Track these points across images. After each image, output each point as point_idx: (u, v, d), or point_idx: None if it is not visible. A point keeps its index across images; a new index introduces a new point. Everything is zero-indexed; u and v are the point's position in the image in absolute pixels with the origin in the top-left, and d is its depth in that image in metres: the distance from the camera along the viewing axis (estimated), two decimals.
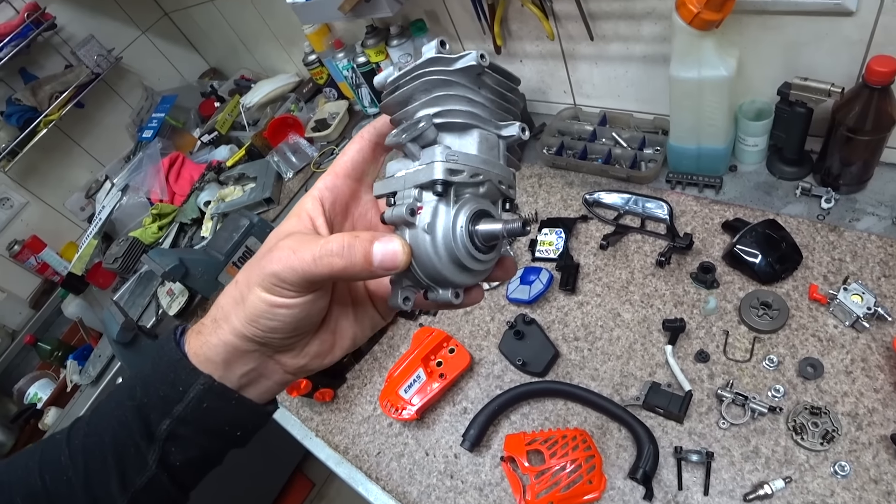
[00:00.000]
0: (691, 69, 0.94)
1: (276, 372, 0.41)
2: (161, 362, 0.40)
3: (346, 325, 0.43)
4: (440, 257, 0.35)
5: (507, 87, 0.39)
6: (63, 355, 1.88)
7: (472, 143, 0.37)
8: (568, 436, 0.87)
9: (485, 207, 0.37)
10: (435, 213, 0.35)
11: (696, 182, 1.11)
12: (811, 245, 0.96)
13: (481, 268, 0.37)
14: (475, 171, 0.36)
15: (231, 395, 0.39)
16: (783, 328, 0.89)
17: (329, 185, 0.41)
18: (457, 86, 0.37)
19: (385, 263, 0.33)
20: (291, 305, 0.35)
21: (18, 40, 1.90)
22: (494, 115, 0.38)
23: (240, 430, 0.41)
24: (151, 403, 0.39)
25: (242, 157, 1.96)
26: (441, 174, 0.35)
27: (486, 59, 0.35)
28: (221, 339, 0.38)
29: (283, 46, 2.11)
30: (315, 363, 0.42)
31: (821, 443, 0.77)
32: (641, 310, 1.01)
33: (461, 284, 0.37)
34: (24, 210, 2.21)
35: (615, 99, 1.29)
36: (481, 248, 0.36)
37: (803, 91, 0.93)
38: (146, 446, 0.39)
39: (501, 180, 0.38)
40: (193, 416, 0.38)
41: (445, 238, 0.35)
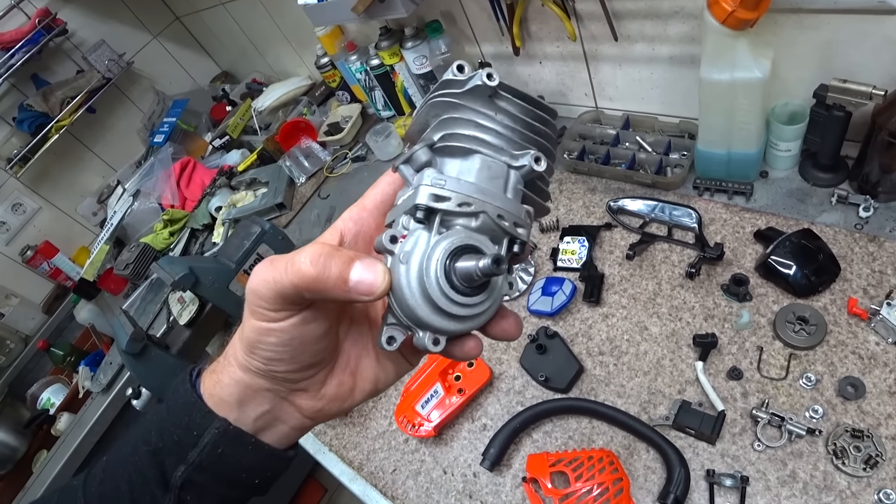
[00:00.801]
0: (723, 71, 0.89)
1: (292, 416, 0.38)
2: (176, 405, 0.38)
3: (367, 367, 0.40)
4: (412, 292, 0.31)
5: (532, 115, 0.35)
6: (75, 360, 1.89)
7: (472, 170, 0.34)
8: (594, 457, 0.83)
9: (474, 243, 0.32)
10: (416, 242, 0.32)
11: (725, 189, 1.06)
12: (849, 256, 0.91)
13: (463, 312, 0.32)
14: (464, 200, 0.32)
15: (248, 440, 0.37)
16: (821, 344, 0.85)
17: (354, 217, 0.39)
18: (466, 109, 0.34)
19: (360, 287, 0.30)
20: (277, 330, 0.33)
21: (30, 46, 1.91)
22: (512, 145, 0.34)
23: (258, 478, 0.39)
24: (166, 448, 0.37)
25: (254, 162, 1.94)
26: (423, 199, 0.31)
27: (495, 79, 0.32)
28: (232, 377, 0.36)
29: (295, 49, 2.08)
30: (333, 406, 0.39)
31: (863, 468, 0.73)
32: (670, 323, 0.96)
33: (441, 329, 0.32)
34: (36, 215, 2.21)
35: (639, 101, 1.25)
36: (459, 289, 0.32)
37: (841, 94, 0.89)
38: (162, 495, 0.37)
39: (502, 214, 0.33)
40: (209, 463, 0.37)
41: (419, 270, 0.31)
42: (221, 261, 1.33)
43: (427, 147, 0.34)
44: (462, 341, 0.35)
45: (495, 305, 0.35)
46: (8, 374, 2.04)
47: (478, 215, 0.33)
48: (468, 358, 0.36)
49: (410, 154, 0.34)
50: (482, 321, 0.34)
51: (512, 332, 0.37)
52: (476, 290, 0.32)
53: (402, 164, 0.35)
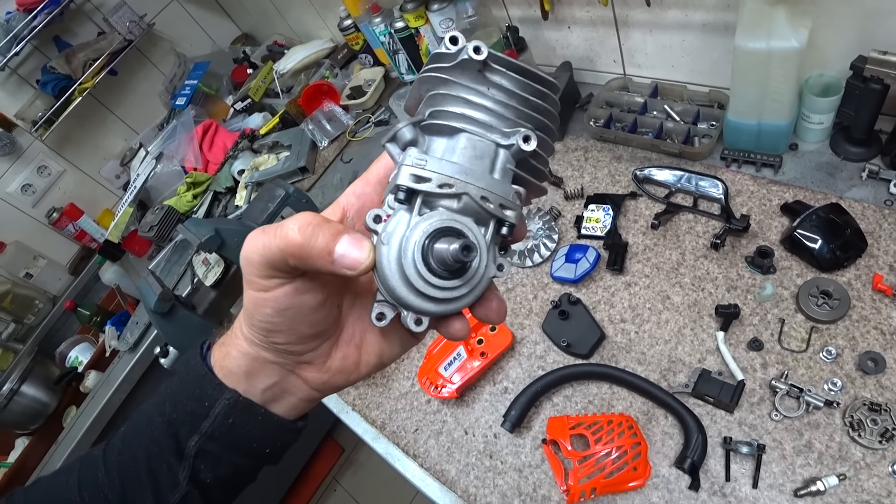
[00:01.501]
0: (759, 39, 0.88)
1: (299, 388, 0.39)
2: (188, 377, 0.39)
3: (372, 340, 0.40)
4: (392, 272, 0.31)
5: (528, 89, 0.33)
6: (101, 320, 1.93)
7: (457, 149, 0.32)
8: (614, 421, 0.85)
9: (456, 225, 0.31)
10: (397, 222, 0.31)
11: (753, 160, 1.05)
12: (877, 232, 0.91)
13: (441, 295, 0.32)
14: (445, 181, 0.31)
15: (257, 411, 0.38)
16: (843, 319, 0.85)
17: (357, 192, 0.38)
18: (455, 85, 0.33)
19: (345, 260, 0.30)
20: (270, 299, 0.33)
21: (51, 8, 1.89)
22: (504, 122, 0.33)
23: (268, 447, 0.40)
24: (180, 419, 0.39)
25: (276, 125, 1.94)
26: (403, 179, 0.31)
27: (483, 52, 0.31)
28: (239, 349, 0.37)
29: (318, 11, 2.06)
30: (339, 379, 0.40)
31: (879, 441, 0.74)
32: (692, 293, 0.97)
33: (421, 311, 0.32)
34: (61, 178, 2.24)
35: (668, 69, 1.23)
36: (436, 272, 0.31)
37: (880, 66, 0.87)
38: (177, 464, 0.39)
39: (486, 196, 0.32)
40: (220, 433, 0.38)
41: (398, 251, 0.31)
42: (246, 223, 1.35)
43: (412, 125, 0.33)
44: (448, 322, 0.35)
45: (479, 288, 0.34)
46: (37, 333, 2.11)
47: (460, 197, 0.32)
48: (455, 338, 0.36)
49: (395, 132, 0.34)
50: (464, 304, 0.34)
51: (493, 315, 0.36)
52: (453, 274, 0.32)
53: (387, 141, 0.34)
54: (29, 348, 2.04)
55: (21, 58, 2.00)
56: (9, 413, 1.75)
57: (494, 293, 0.36)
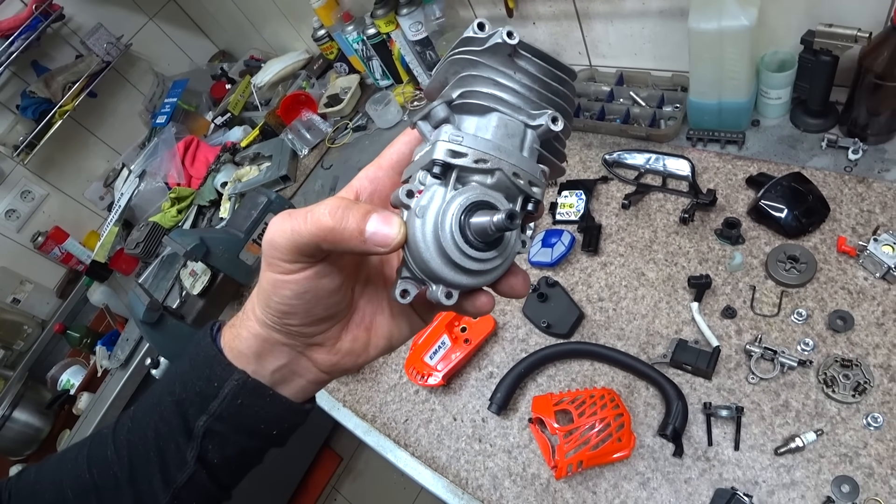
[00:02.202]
0: (711, 20, 0.91)
1: (309, 370, 0.40)
2: (198, 358, 0.40)
3: (382, 323, 0.41)
4: (427, 245, 0.31)
5: (551, 75, 0.35)
6: (92, 342, 1.92)
7: (489, 127, 0.34)
8: (596, 395, 0.87)
9: (489, 199, 0.33)
10: (431, 196, 0.32)
11: (717, 138, 1.09)
12: (839, 197, 0.94)
13: (476, 267, 0.32)
14: (480, 157, 0.32)
15: (265, 392, 0.39)
16: (811, 282, 0.88)
17: (370, 176, 0.39)
18: (485, 67, 0.34)
19: (376, 238, 0.31)
20: (291, 282, 0.34)
21: (28, 33, 1.90)
22: (530, 104, 0.34)
23: (276, 429, 0.41)
24: (189, 399, 0.39)
25: (257, 137, 1.96)
26: (440, 154, 0.32)
27: (515, 38, 0.32)
28: (250, 331, 0.38)
29: (292, 23, 2.09)
30: (348, 361, 0.40)
31: (852, 395, 0.77)
32: (666, 268, 1.00)
33: (454, 283, 0.33)
34: (45, 202, 2.24)
35: (632, 57, 1.26)
36: (473, 244, 0.32)
37: (828, 38, 0.90)
38: (185, 443, 0.39)
39: (517, 173, 0.33)
40: (229, 413, 0.38)
41: (434, 224, 0.31)
42: (231, 231, 1.36)
43: (445, 104, 0.34)
44: (474, 296, 0.35)
45: (508, 262, 0.34)
46: (27, 358, 2.09)
47: (493, 172, 0.33)
48: (480, 313, 0.35)
49: (429, 110, 0.34)
50: (494, 277, 0.34)
51: (520, 289, 0.36)
52: (489, 246, 0.33)
53: (419, 119, 0.35)
54: (19, 374, 2.03)
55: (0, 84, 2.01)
56: (1, 440, 1.75)
57: (517, 268, 0.36)
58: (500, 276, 0.35)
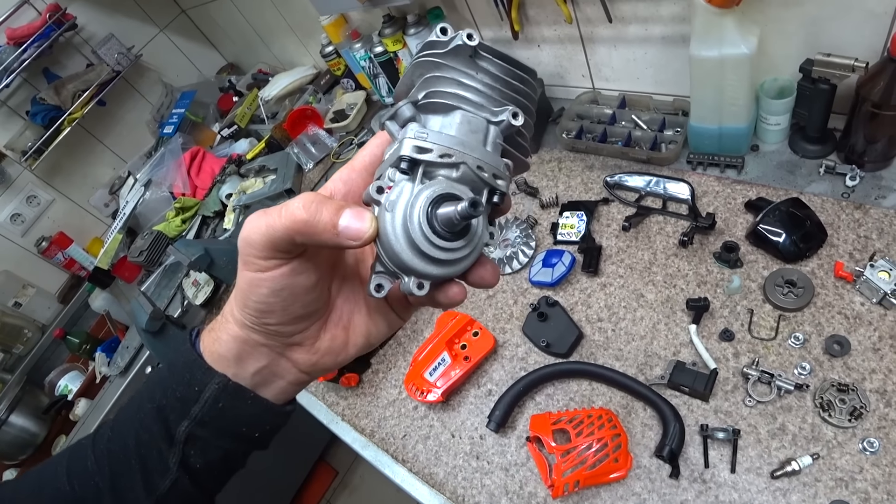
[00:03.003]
0: (712, 48, 0.93)
1: (289, 371, 0.40)
2: (178, 363, 0.40)
3: (359, 322, 0.42)
4: (397, 238, 0.33)
5: (511, 74, 0.37)
6: (91, 348, 1.92)
7: (453, 124, 0.35)
8: (593, 415, 0.87)
9: (455, 192, 0.34)
10: (400, 191, 0.33)
11: (717, 162, 1.10)
12: (836, 223, 0.95)
13: (445, 256, 0.34)
14: (445, 152, 0.34)
15: (247, 395, 0.39)
16: (808, 306, 0.89)
17: (344, 178, 0.40)
18: (448, 68, 0.36)
19: (349, 231, 0.32)
20: (267, 279, 0.34)
21: (41, 41, 1.94)
22: (492, 102, 0.36)
23: (258, 431, 0.41)
24: (170, 405, 0.39)
25: (262, 150, 1.98)
26: (406, 151, 0.33)
27: (475, 39, 0.34)
28: (230, 333, 0.38)
29: (300, 39, 2.12)
30: (328, 360, 0.41)
31: (849, 419, 0.77)
32: (665, 290, 1.01)
33: (425, 274, 0.34)
34: (50, 207, 2.26)
35: (634, 81, 1.28)
36: (441, 234, 0.33)
37: (826, 67, 0.92)
38: (167, 449, 0.39)
39: (481, 166, 0.35)
40: (210, 417, 0.38)
41: (403, 217, 0.33)
42: (235, 243, 1.38)
43: (411, 104, 0.36)
44: (446, 287, 0.36)
45: (476, 252, 0.36)
46: (26, 362, 2.09)
47: (458, 166, 0.34)
48: (452, 303, 0.36)
49: (395, 110, 0.36)
50: (464, 266, 0.35)
51: (489, 278, 0.37)
52: (457, 235, 0.34)
53: (387, 119, 0.37)
54: (17, 378, 2.02)
55: (11, 90, 2.03)
56: None
57: (487, 259, 0.37)
58: (469, 266, 0.36)
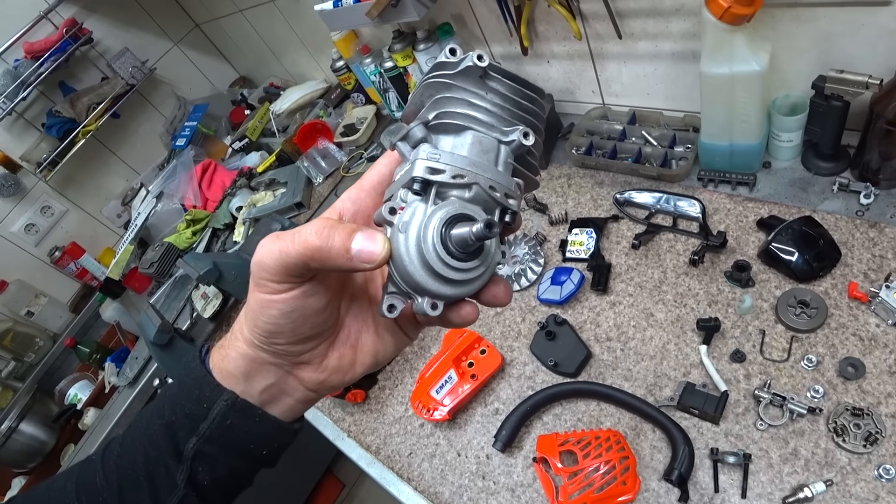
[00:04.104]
0: (722, 65, 0.92)
1: (296, 389, 0.40)
2: (187, 380, 0.40)
3: (367, 341, 0.42)
4: (411, 259, 0.33)
5: (521, 94, 0.37)
6: (101, 357, 1.94)
7: (465, 144, 0.36)
8: (601, 437, 0.86)
9: (468, 212, 0.34)
10: (413, 212, 0.34)
11: (728, 179, 1.09)
12: (850, 242, 0.94)
13: (459, 277, 0.34)
14: (458, 172, 0.34)
15: (255, 412, 0.39)
16: (822, 327, 0.87)
17: (353, 198, 0.40)
18: (458, 89, 0.36)
19: (362, 255, 0.32)
20: (279, 301, 0.35)
21: (58, 55, 1.98)
22: (502, 122, 0.36)
23: (265, 449, 0.41)
24: (179, 421, 0.39)
25: (273, 163, 1.99)
26: (419, 172, 0.33)
27: (485, 60, 0.34)
28: (238, 351, 0.38)
29: (311, 53, 2.14)
30: (335, 379, 0.41)
31: (864, 445, 0.75)
32: (675, 309, 0.99)
33: (439, 295, 0.34)
34: (63, 218, 2.29)
35: (644, 97, 1.28)
36: (455, 255, 0.33)
37: (839, 84, 0.91)
38: (175, 466, 0.39)
39: (493, 186, 0.35)
40: (218, 434, 0.39)
41: (417, 238, 0.33)
42: (243, 256, 1.38)
43: (422, 125, 0.36)
44: (459, 307, 0.36)
45: (489, 272, 0.36)
46: (37, 371, 2.11)
47: (471, 186, 0.34)
48: (465, 323, 0.36)
49: (407, 131, 0.36)
50: (477, 286, 0.36)
51: (502, 297, 0.37)
52: (470, 256, 0.34)
53: (398, 140, 0.37)
54: (28, 386, 2.04)
55: (27, 102, 2.07)
56: (6, 451, 1.75)
57: (499, 277, 0.37)
58: (482, 285, 0.36)
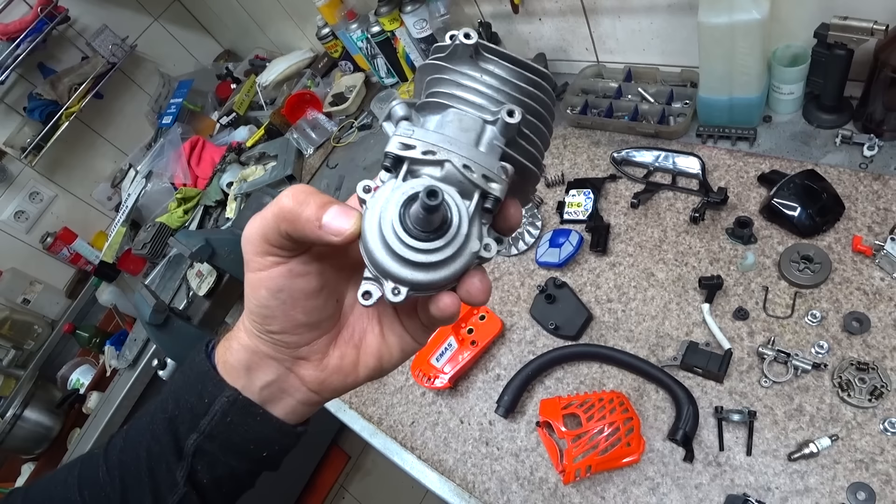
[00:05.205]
0: (721, 14, 0.89)
1: (297, 388, 0.39)
2: (191, 374, 0.40)
3: (371, 342, 0.40)
4: (373, 238, 0.32)
5: (519, 76, 0.35)
6: (101, 341, 1.94)
7: (445, 123, 0.34)
8: (605, 399, 0.86)
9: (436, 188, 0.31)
10: (382, 190, 0.32)
11: (728, 135, 1.06)
12: (854, 195, 0.92)
13: (420, 259, 0.31)
14: (429, 148, 0.32)
15: (256, 411, 0.38)
16: (826, 282, 0.86)
17: None
18: (450, 71, 0.35)
19: (331, 227, 0.31)
20: (265, 279, 0.34)
21: (34, 35, 1.92)
22: (495, 104, 0.34)
23: (266, 450, 0.40)
24: (181, 417, 0.39)
25: (262, 137, 1.96)
26: (391, 147, 0.33)
27: (472, 38, 0.33)
28: (240, 342, 0.38)
29: (296, 22, 2.08)
30: (336, 380, 0.40)
31: (869, 399, 0.75)
32: (676, 268, 0.98)
33: (400, 278, 0.31)
34: (53, 203, 2.26)
35: (640, 53, 1.24)
36: (412, 232, 0.31)
37: (843, 31, 0.88)
38: (175, 463, 0.39)
39: (468, 165, 0.32)
40: (218, 431, 0.38)
41: (380, 214, 0.32)
42: (236, 232, 1.36)
43: (405, 103, 0.35)
44: (436, 297, 0.34)
45: (462, 259, 0.32)
46: (38, 358, 2.11)
47: (443, 164, 0.32)
48: (444, 314, 0.34)
49: (388, 109, 0.35)
50: (447, 275, 0.32)
51: (475, 292, 0.33)
52: (431, 234, 0.31)
53: (384, 120, 0.36)
54: (30, 373, 2.04)
55: (7, 86, 2.03)
56: (13, 439, 1.76)
57: (477, 270, 0.34)
58: (455, 275, 0.33)
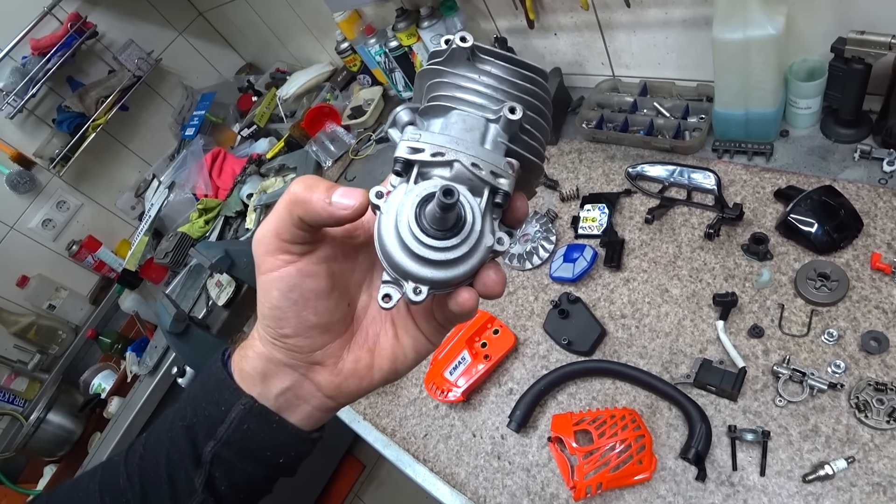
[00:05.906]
0: (736, 30, 0.89)
1: (313, 395, 0.40)
2: (209, 381, 0.40)
3: (385, 344, 0.41)
4: (391, 239, 0.32)
5: (516, 74, 0.36)
6: (122, 347, 1.97)
7: (449, 124, 0.35)
8: (616, 415, 0.85)
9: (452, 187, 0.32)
10: (395, 193, 0.33)
11: (744, 150, 1.06)
12: (872, 211, 0.90)
13: (438, 256, 0.32)
14: (437, 150, 0.33)
15: (272, 418, 0.39)
16: (843, 300, 0.85)
17: None
18: (448, 74, 0.36)
19: (340, 202, 0.33)
20: (276, 278, 0.35)
21: (64, 50, 1.98)
22: (495, 103, 0.35)
23: (282, 457, 0.40)
24: (199, 424, 0.39)
25: (282, 149, 1.99)
26: (400, 152, 0.33)
27: (468, 41, 0.34)
28: (255, 350, 0.38)
29: (316, 37, 2.12)
30: (352, 384, 0.40)
31: (887, 420, 0.73)
32: (690, 285, 0.97)
33: (420, 277, 0.32)
34: (79, 212, 2.32)
35: (655, 67, 1.24)
36: (428, 231, 0.32)
37: (860, 46, 0.87)
38: (194, 470, 0.39)
39: (476, 163, 0.33)
40: (235, 439, 0.38)
41: (396, 217, 0.32)
42: None
43: (409, 109, 0.36)
44: (455, 294, 0.34)
45: (478, 254, 0.33)
46: (62, 362, 2.16)
47: (452, 164, 0.33)
48: (464, 310, 0.34)
49: (393, 116, 0.36)
50: (464, 270, 0.33)
51: (491, 285, 0.34)
52: (447, 233, 0.32)
53: (389, 127, 0.37)
54: (54, 377, 2.09)
55: (37, 99, 2.08)
56: (36, 441, 1.80)
57: (492, 264, 0.35)
58: (469, 270, 0.33)
